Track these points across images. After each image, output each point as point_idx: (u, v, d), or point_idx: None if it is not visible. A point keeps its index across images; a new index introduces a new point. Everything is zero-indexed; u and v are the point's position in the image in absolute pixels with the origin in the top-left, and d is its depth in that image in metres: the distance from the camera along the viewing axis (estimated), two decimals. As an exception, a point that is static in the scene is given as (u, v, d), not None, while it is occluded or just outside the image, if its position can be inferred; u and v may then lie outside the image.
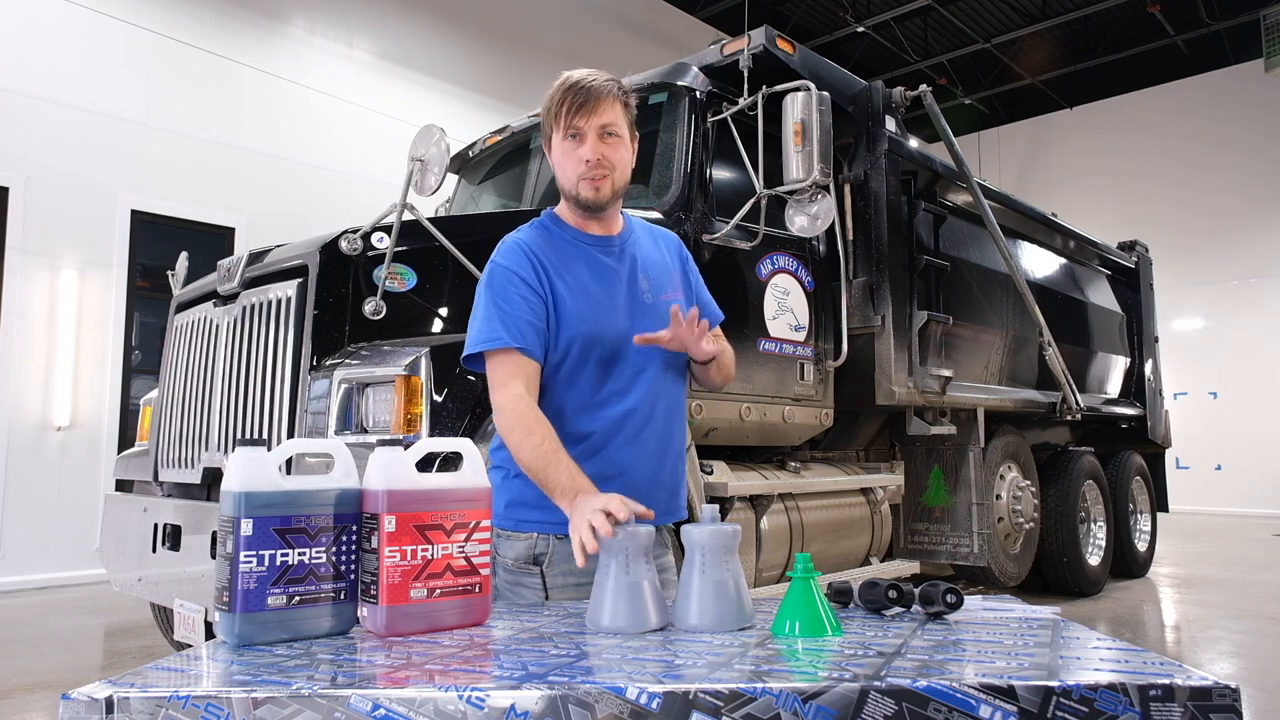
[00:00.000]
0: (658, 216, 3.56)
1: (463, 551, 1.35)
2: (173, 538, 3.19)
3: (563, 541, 1.68)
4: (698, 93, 3.93)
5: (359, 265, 3.10)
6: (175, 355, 3.75)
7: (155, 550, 3.28)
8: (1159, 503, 7.70)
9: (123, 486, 4.11)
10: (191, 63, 7.80)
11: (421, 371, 2.73)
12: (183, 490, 3.53)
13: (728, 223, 3.72)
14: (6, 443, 6.56)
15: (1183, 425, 9.95)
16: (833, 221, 3.81)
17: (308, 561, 1.26)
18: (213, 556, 2.73)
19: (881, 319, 4.33)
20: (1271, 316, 13.10)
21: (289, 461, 2.48)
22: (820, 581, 1.33)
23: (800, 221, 3.69)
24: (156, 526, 3.29)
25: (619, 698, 0.94)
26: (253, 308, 3.27)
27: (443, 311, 3.22)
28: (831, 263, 4.34)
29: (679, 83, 3.96)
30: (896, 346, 4.35)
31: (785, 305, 4.03)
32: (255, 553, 1.21)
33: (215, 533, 1.75)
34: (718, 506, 1.45)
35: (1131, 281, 7.68)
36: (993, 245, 5.13)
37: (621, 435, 1.73)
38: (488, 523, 1.39)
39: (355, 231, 3.07)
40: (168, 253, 5.26)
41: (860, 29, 12.96)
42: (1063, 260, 6.59)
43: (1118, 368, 7.19)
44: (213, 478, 3.31)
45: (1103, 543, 6.43)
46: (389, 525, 1.28)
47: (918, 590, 1.41)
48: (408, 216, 3.02)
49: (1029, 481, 5.52)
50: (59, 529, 6.69)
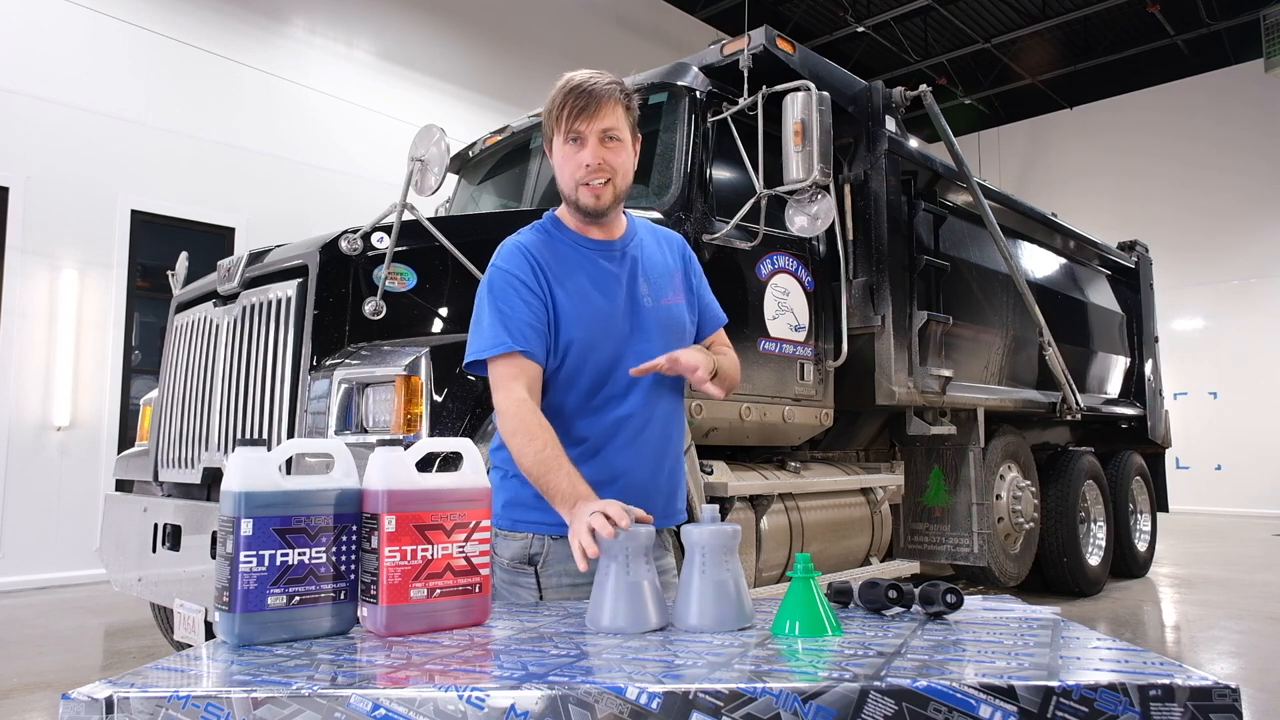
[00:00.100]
0: (658, 216, 3.56)
1: (463, 551, 1.35)
2: (173, 538, 3.19)
3: (558, 542, 1.68)
4: (698, 93, 3.93)
5: (359, 265, 3.10)
6: (175, 355, 3.75)
7: (155, 550, 3.28)
8: (1159, 503, 7.70)
9: (123, 486, 4.11)
10: (191, 63, 7.80)
11: (421, 371, 2.73)
12: (183, 490, 3.53)
13: (728, 223, 3.72)
14: (6, 443, 6.56)
15: (1183, 425, 9.95)
16: (833, 221, 3.81)
17: (308, 561, 1.26)
18: (213, 556, 2.73)
19: (881, 319, 4.33)
20: (1271, 316, 13.10)
21: (289, 461, 2.48)
22: (820, 581, 1.33)
23: (800, 221, 3.69)
24: (156, 526, 3.29)
25: (619, 698, 0.94)
26: (253, 308, 3.27)
27: (443, 311, 3.22)
28: (831, 263, 4.34)
29: (679, 83, 3.96)
30: (896, 346, 4.35)
31: (785, 305, 4.03)
32: (255, 553, 1.21)
33: (215, 533, 1.75)
34: (718, 506, 1.45)
35: (1131, 281, 7.68)
36: (993, 245, 5.13)
37: (619, 439, 1.73)
38: (488, 523, 1.39)
39: (355, 231, 3.07)
40: (168, 253, 5.27)
41: (860, 29, 12.96)
42: (1063, 260, 6.59)
43: (1118, 368, 7.19)
44: (213, 478, 3.30)
45: (1103, 543, 6.43)
46: (389, 525, 1.28)
47: (918, 590, 1.41)
48: (408, 216, 3.02)
49: (1029, 481, 5.52)
50: (59, 529, 6.69)
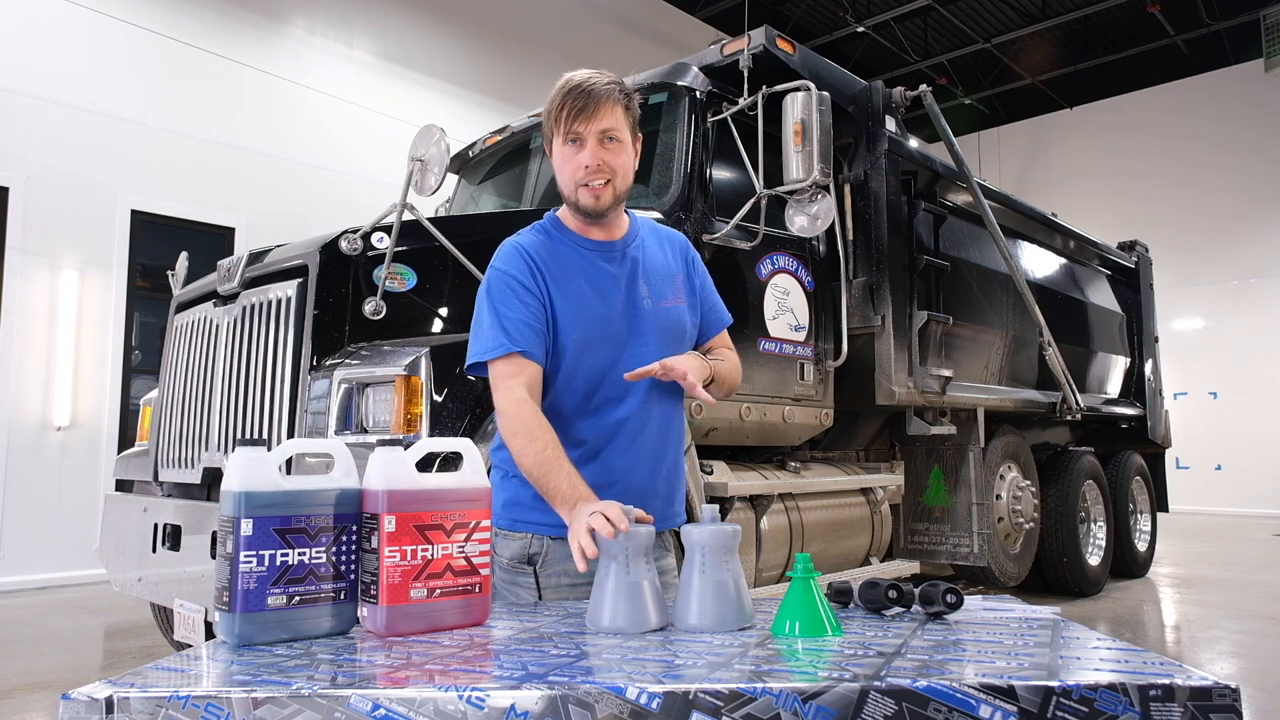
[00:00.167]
0: (658, 216, 3.56)
1: (463, 551, 1.35)
2: (173, 538, 3.19)
3: (557, 542, 1.68)
4: (698, 93, 3.93)
5: (359, 265, 3.10)
6: (175, 355, 3.75)
7: (155, 550, 3.28)
8: (1159, 503, 7.70)
9: (123, 486, 4.11)
10: (191, 63, 7.80)
11: (421, 371, 2.73)
12: (183, 490, 3.53)
13: (728, 223, 3.72)
14: (6, 443, 6.56)
15: (1183, 425, 9.95)
16: (833, 221, 3.81)
17: (308, 561, 1.26)
18: (213, 556, 2.73)
19: (881, 319, 4.33)
20: (1271, 316, 13.10)
21: (289, 461, 2.48)
22: (820, 581, 1.33)
23: (800, 221, 3.69)
24: (156, 526, 3.29)
25: (619, 698, 0.94)
26: (253, 308, 3.27)
27: (443, 311, 3.22)
28: (831, 263, 4.34)
29: (679, 83, 3.96)
30: (896, 346, 4.35)
31: (785, 305, 4.03)
32: (255, 553, 1.21)
33: (215, 533, 1.75)
34: (718, 506, 1.45)
35: (1131, 281, 7.68)
36: (993, 245, 5.13)
37: (618, 441, 1.72)
38: (488, 523, 1.39)
39: (355, 231, 3.07)
40: (168, 253, 5.27)
41: (860, 29, 12.96)
42: (1063, 260, 6.59)
43: (1118, 368, 7.19)
44: (213, 478, 3.30)
45: (1103, 543, 6.43)
46: (389, 525, 1.28)
47: (918, 590, 1.41)
48: (408, 216, 3.02)
49: (1029, 481, 5.52)
50: (59, 529, 6.69)
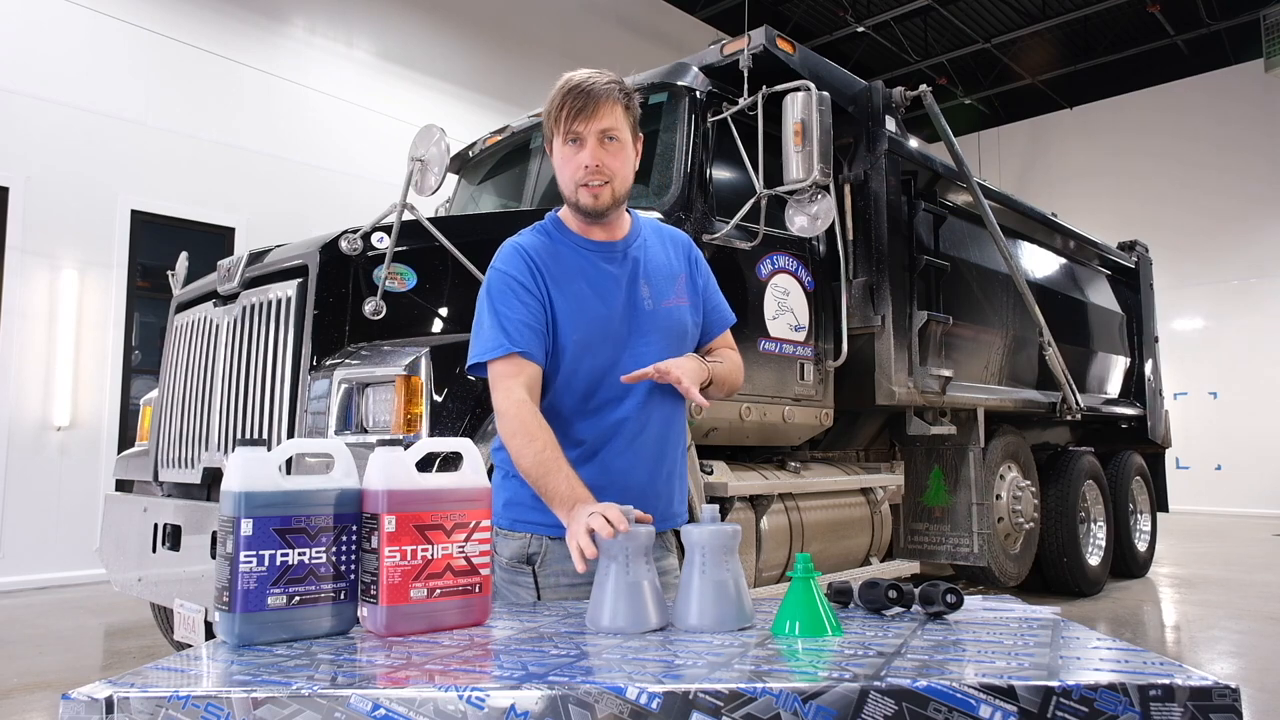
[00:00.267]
0: (658, 216, 3.56)
1: (463, 551, 1.35)
2: (173, 538, 3.19)
3: (556, 542, 1.68)
4: (698, 93, 3.93)
5: (359, 265, 3.10)
6: (175, 355, 3.75)
7: (155, 550, 3.28)
8: (1159, 503, 7.69)
9: (123, 486, 4.11)
10: (191, 63, 7.80)
11: (421, 371, 2.73)
12: (183, 490, 3.53)
13: (728, 223, 3.72)
14: (6, 443, 6.56)
15: (1183, 425, 9.95)
16: (833, 221, 3.81)
17: (308, 561, 1.26)
18: (213, 556, 2.73)
19: (881, 319, 4.33)
20: (1271, 316, 13.10)
21: (289, 461, 2.48)
22: (820, 581, 1.33)
23: (800, 221, 3.69)
24: (156, 526, 3.29)
25: (619, 698, 0.94)
26: (253, 308, 3.27)
27: (443, 311, 3.22)
28: (831, 263, 4.34)
29: (679, 83, 3.96)
30: (896, 346, 4.35)
31: (785, 305, 4.03)
32: (255, 553, 1.21)
33: (215, 533, 1.75)
34: (718, 506, 1.45)
35: (1131, 281, 7.68)
36: (993, 245, 5.13)
37: (617, 442, 1.72)
38: (488, 523, 1.39)
39: (355, 231, 3.07)
40: (168, 253, 5.26)
41: (860, 29, 12.96)
42: (1063, 260, 6.59)
43: (1118, 368, 7.19)
44: (213, 478, 3.30)
45: (1103, 543, 6.43)
46: (389, 525, 1.28)
47: (918, 590, 1.41)
48: (408, 216, 3.02)
49: (1029, 481, 5.52)
50: (59, 529, 6.69)
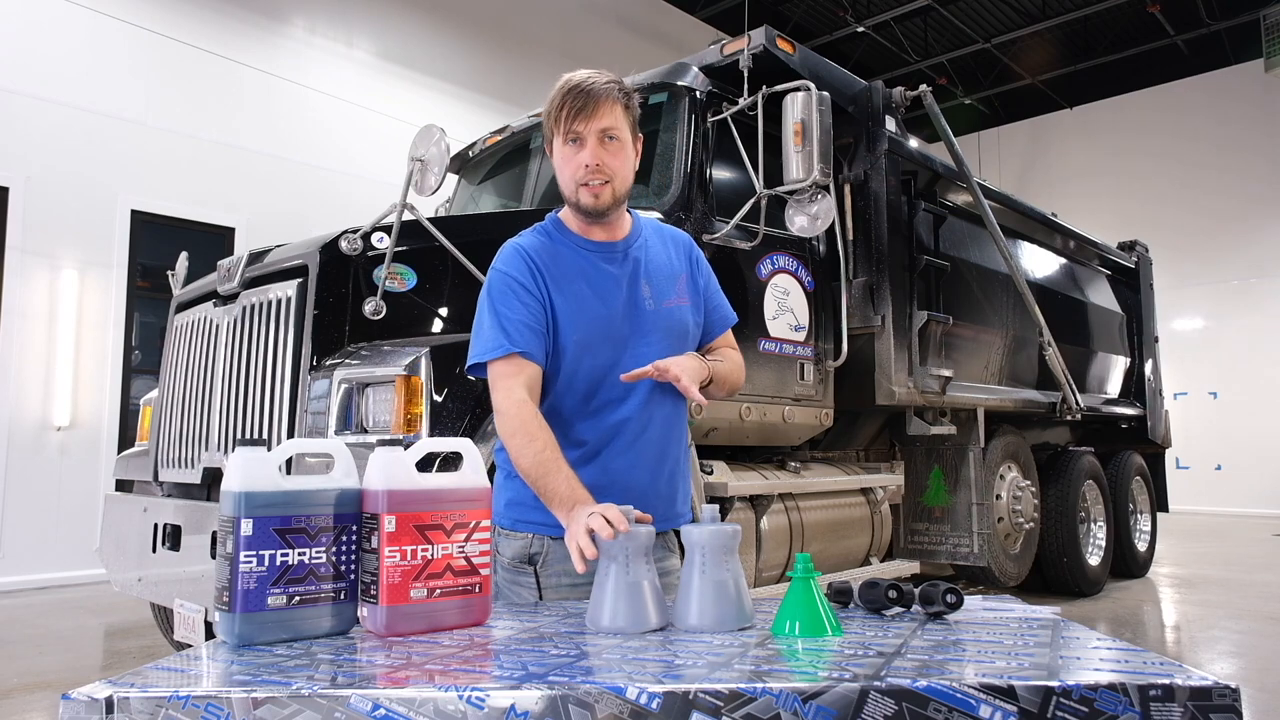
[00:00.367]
0: (658, 216, 3.56)
1: (463, 551, 1.35)
2: (173, 538, 3.19)
3: (558, 542, 1.67)
4: (698, 93, 3.93)
5: (359, 265, 3.10)
6: (175, 355, 3.75)
7: (155, 550, 3.28)
8: (1159, 503, 7.69)
9: (123, 486, 4.11)
10: (191, 63, 7.80)
11: (421, 371, 2.73)
12: (183, 490, 3.53)
13: (728, 223, 3.72)
14: (6, 443, 6.56)
15: (1183, 425, 9.95)
16: (833, 221, 3.81)
17: (308, 561, 1.26)
18: (213, 556, 2.73)
19: (881, 319, 4.33)
20: (1271, 316, 13.10)
21: (289, 461, 2.48)
22: (820, 581, 1.33)
23: (800, 221, 3.69)
24: (156, 526, 3.29)
25: (619, 698, 0.94)
26: (253, 308, 3.27)
27: (443, 311, 3.22)
28: (831, 263, 4.34)
29: (679, 83, 3.96)
30: (896, 346, 4.35)
31: (785, 305, 4.03)
32: (255, 553, 1.22)
33: (215, 533, 1.75)
34: (718, 506, 1.45)
35: (1131, 281, 7.68)
36: (993, 245, 5.13)
37: (618, 442, 1.72)
38: (488, 523, 1.39)
39: (355, 231, 3.07)
40: (168, 253, 5.26)
41: (860, 29, 12.96)
42: (1063, 260, 6.59)
43: (1118, 368, 7.19)
44: (213, 478, 3.30)
45: (1103, 543, 6.43)
46: (389, 525, 1.28)
47: (918, 590, 1.41)
48: (408, 216, 3.02)
49: (1029, 481, 5.52)
50: (59, 529, 6.69)
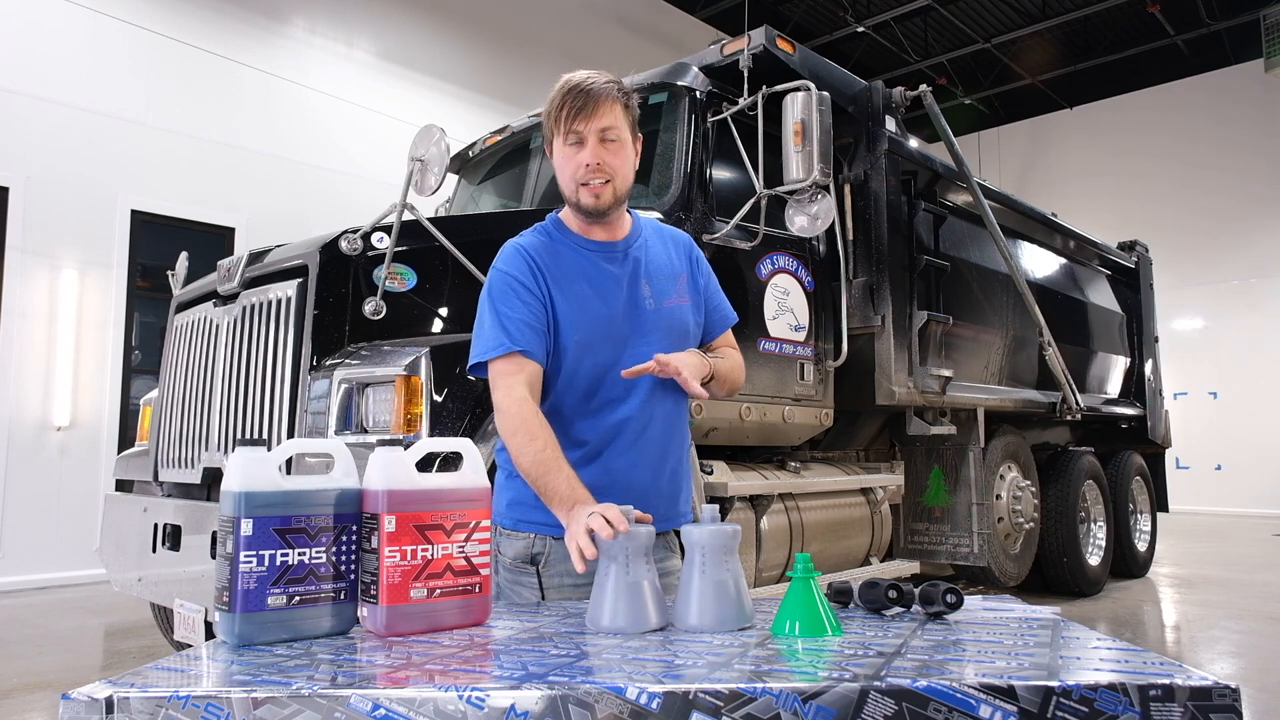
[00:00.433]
0: (658, 216, 3.56)
1: (463, 551, 1.35)
2: (173, 538, 3.19)
3: (560, 542, 1.67)
4: (698, 93, 3.93)
5: (359, 265, 3.10)
6: (175, 355, 3.75)
7: (155, 550, 3.28)
8: (1159, 503, 7.69)
9: (123, 486, 4.11)
10: (191, 63, 7.80)
11: (421, 371, 2.73)
12: (183, 490, 3.53)
13: (728, 223, 3.72)
14: (6, 443, 6.56)
15: (1183, 425, 9.95)
16: (833, 221, 3.81)
17: (308, 561, 1.26)
18: (213, 556, 2.73)
19: (881, 319, 4.33)
20: (1271, 316, 13.10)
21: (289, 461, 2.48)
22: (820, 581, 1.33)
23: (800, 221, 3.69)
24: (156, 526, 3.29)
25: (619, 698, 0.94)
26: (253, 308, 3.27)
27: (443, 311, 3.22)
28: (831, 263, 4.34)
29: (679, 83, 3.96)
30: (896, 346, 4.35)
31: (785, 305, 4.03)
32: (255, 553, 1.22)
33: (215, 533, 1.75)
34: (718, 506, 1.45)
35: (1131, 281, 7.68)
36: (993, 245, 5.13)
37: (619, 442, 1.72)
38: (487, 523, 1.39)
39: (355, 231, 3.07)
40: (168, 253, 5.26)
41: (860, 29, 12.96)
42: (1063, 260, 6.59)
43: (1118, 368, 7.19)
44: (213, 478, 3.30)
45: (1103, 543, 6.43)
46: (389, 525, 1.28)
47: (918, 590, 1.41)
48: (408, 216, 3.02)
49: (1029, 481, 5.52)
50: (59, 529, 6.69)
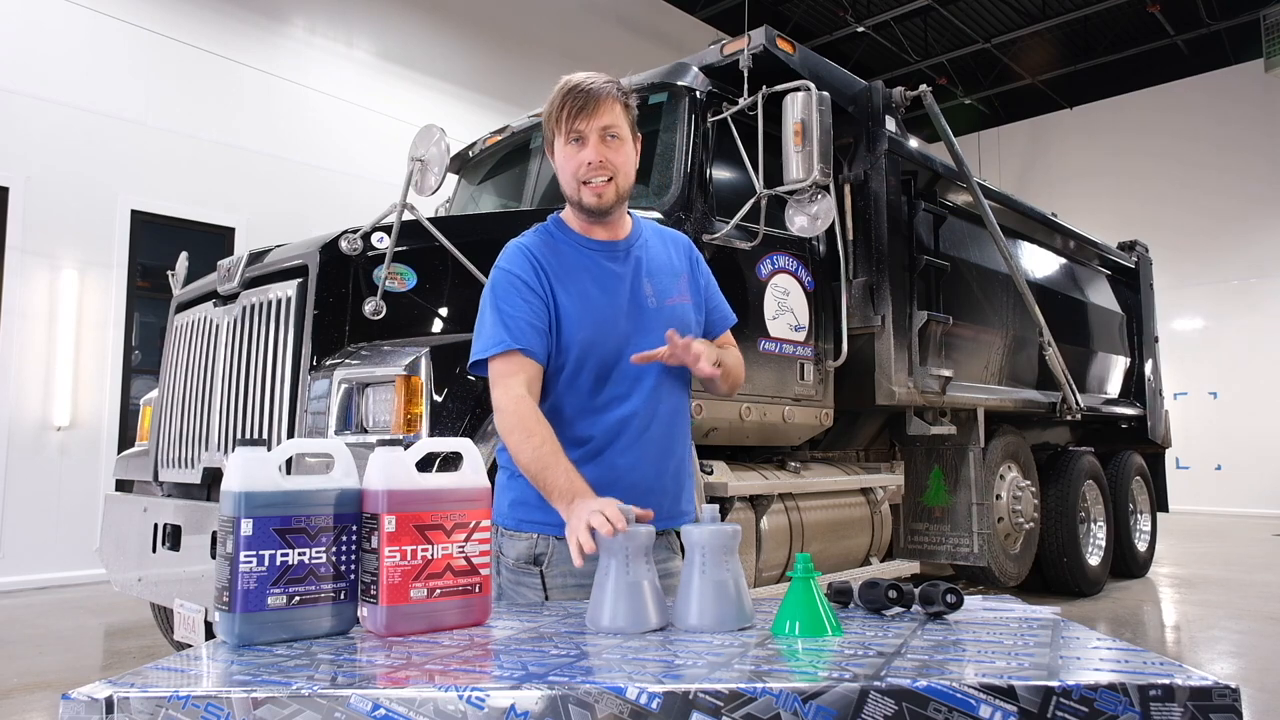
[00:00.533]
0: (658, 217, 3.56)
1: (463, 551, 1.35)
2: (173, 538, 3.19)
3: (563, 542, 1.67)
4: (698, 93, 3.93)
5: (359, 265, 3.10)
6: (175, 355, 3.75)
7: (155, 550, 3.28)
8: (1159, 503, 7.69)
9: (123, 486, 4.11)
10: (191, 63, 7.80)
11: (421, 371, 2.73)
12: (183, 490, 3.53)
13: (728, 223, 3.72)
14: (6, 443, 6.56)
15: (1183, 425, 9.95)
16: (833, 221, 3.81)
17: (308, 561, 1.26)
18: (213, 556, 2.73)
19: (881, 319, 4.33)
20: (1271, 316, 13.10)
21: (289, 461, 2.48)
22: (820, 581, 1.33)
23: (800, 221, 3.69)
24: (156, 526, 3.29)
25: (619, 698, 0.94)
26: (253, 308, 3.27)
27: (443, 311, 3.22)
28: (831, 263, 4.34)
29: (679, 83, 3.96)
30: (896, 346, 4.35)
31: (785, 305, 4.03)
32: (255, 553, 1.21)
33: (215, 533, 1.75)
34: (718, 506, 1.45)
35: (1131, 281, 7.68)
36: (993, 245, 5.13)
37: (621, 440, 1.72)
38: (487, 523, 1.39)
39: (355, 231, 3.07)
40: (168, 253, 5.26)
41: (860, 29, 12.96)
42: (1063, 260, 6.59)
43: (1118, 368, 7.19)
44: (213, 478, 3.30)
45: (1103, 543, 6.43)
46: (389, 525, 1.28)
47: (918, 590, 1.41)
48: (408, 216, 3.02)
49: (1029, 481, 5.51)
50: (59, 529, 6.69)
